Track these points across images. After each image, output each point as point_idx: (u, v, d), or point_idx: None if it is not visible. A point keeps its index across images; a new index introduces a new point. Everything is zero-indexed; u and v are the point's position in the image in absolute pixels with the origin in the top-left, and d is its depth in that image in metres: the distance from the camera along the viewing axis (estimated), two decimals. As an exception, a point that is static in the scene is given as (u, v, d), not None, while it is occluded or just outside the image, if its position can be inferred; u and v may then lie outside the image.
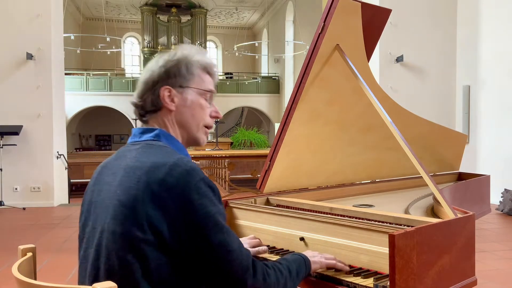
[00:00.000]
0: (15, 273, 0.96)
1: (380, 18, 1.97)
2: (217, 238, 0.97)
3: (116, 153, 1.14)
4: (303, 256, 1.20)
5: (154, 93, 1.11)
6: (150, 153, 1.04)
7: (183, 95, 1.13)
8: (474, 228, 1.34)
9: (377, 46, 2.55)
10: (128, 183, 0.99)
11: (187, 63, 1.14)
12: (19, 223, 5.79)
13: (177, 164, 0.98)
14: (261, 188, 1.87)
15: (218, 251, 0.97)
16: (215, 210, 0.98)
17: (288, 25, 18.48)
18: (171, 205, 0.95)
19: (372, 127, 2.09)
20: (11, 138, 7.02)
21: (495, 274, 3.47)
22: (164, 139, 1.10)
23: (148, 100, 1.12)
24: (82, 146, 21.72)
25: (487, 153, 7.13)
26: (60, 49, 7.85)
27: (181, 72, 1.13)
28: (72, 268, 3.69)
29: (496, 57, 6.98)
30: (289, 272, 1.11)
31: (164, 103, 1.11)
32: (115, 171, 1.06)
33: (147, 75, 1.13)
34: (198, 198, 0.96)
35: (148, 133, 1.11)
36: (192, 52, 1.16)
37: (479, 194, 2.72)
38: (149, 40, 20.60)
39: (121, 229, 0.96)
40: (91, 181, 1.14)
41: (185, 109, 1.14)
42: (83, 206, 1.12)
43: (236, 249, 0.99)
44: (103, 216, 1.01)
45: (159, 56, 1.16)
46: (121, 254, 0.96)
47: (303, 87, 1.74)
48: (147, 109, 1.13)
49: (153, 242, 0.94)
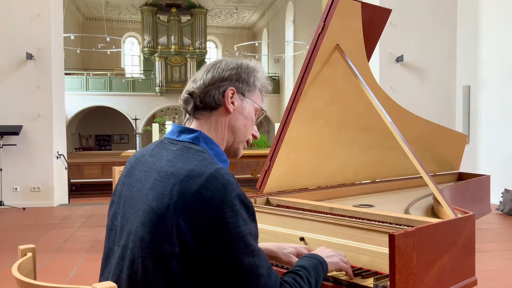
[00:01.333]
0: (15, 273, 0.96)
1: (380, 18, 1.97)
2: (247, 261, 0.92)
3: (152, 147, 1.11)
4: (320, 260, 1.15)
5: (219, 89, 1.09)
6: (187, 159, 0.99)
7: (243, 103, 1.13)
8: (474, 228, 1.34)
9: (377, 46, 2.55)
10: (161, 189, 0.95)
11: (255, 76, 1.15)
12: (19, 223, 5.79)
13: (214, 176, 0.93)
14: (261, 188, 1.87)
15: (247, 274, 0.92)
16: (248, 231, 0.94)
17: (288, 25, 18.48)
18: (203, 219, 0.90)
19: (372, 127, 2.09)
20: (11, 138, 7.02)
21: (495, 274, 3.47)
22: (203, 143, 1.06)
23: (211, 93, 1.09)
24: (82, 146, 21.73)
25: (487, 153, 7.13)
26: (60, 49, 7.85)
27: (249, 81, 1.14)
28: (72, 268, 3.69)
29: (496, 57, 6.98)
30: (309, 284, 1.06)
31: (226, 103, 1.09)
32: (148, 169, 1.03)
33: (214, 71, 1.11)
34: (231, 216, 0.91)
35: (187, 133, 1.07)
36: (260, 69, 1.18)
37: (479, 194, 2.73)
38: (149, 40, 20.60)
39: (150, 237, 0.93)
40: (124, 170, 1.12)
41: (240, 117, 1.13)
42: (114, 195, 1.10)
43: (265, 274, 0.95)
44: (132, 217, 0.99)
45: (229, 58, 1.16)
46: (146, 263, 0.93)
47: (303, 87, 1.74)
48: (206, 102, 1.09)
49: (179, 255, 0.91)
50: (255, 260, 0.93)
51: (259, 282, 0.93)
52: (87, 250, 4.25)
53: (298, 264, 1.12)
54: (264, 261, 0.96)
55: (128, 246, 0.97)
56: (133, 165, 1.10)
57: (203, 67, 1.16)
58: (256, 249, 0.95)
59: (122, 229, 1.02)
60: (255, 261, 0.93)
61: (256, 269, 0.93)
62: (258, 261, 0.94)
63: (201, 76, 1.12)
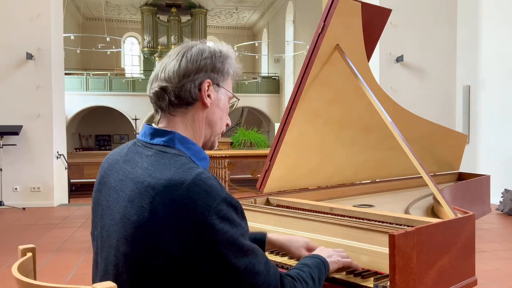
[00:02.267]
0: (15, 273, 0.96)
1: (380, 18, 1.97)
2: (242, 263, 0.89)
3: (125, 151, 1.04)
4: (322, 259, 1.15)
5: (194, 82, 1.01)
6: (164, 166, 0.93)
7: (219, 94, 1.06)
8: (474, 228, 1.33)
9: (377, 46, 2.55)
10: (140, 202, 0.90)
11: (229, 63, 1.07)
12: (19, 223, 5.79)
13: (196, 184, 0.88)
14: (261, 188, 1.87)
15: (245, 276, 0.90)
16: (238, 233, 0.90)
17: (288, 25, 18.48)
18: (189, 230, 0.86)
19: (372, 127, 2.09)
20: (11, 138, 7.02)
21: (495, 274, 3.47)
22: (179, 144, 0.99)
23: (186, 87, 1.00)
24: (82, 146, 21.72)
25: (487, 153, 7.13)
26: (60, 49, 7.85)
27: (223, 70, 1.05)
28: (72, 268, 3.69)
29: (496, 57, 6.98)
30: (313, 280, 1.06)
31: (203, 97, 1.02)
32: (123, 178, 0.97)
33: (187, 60, 1.01)
34: (219, 223, 0.87)
35: (160, 136, 1.00)
36: (232, 54, 1.09)
37: (479, 194, 2.72)
38: (149, 40, 20.61)
39: (133, 252, 0.90)
40: (98, 176, 1.08)
41: (217, 110, 1.07)
42: (92, 202, 1.07)
43: (262, 270, 0.93)
44: (112, 229, 0.95)
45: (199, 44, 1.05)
46: (132, 278, 0.91)
47: (303, 87, 1.74)
48: (182, 97, 1.01)
49: (166, 268, 0.87)
50: (249, 259, 0.91)
51: (258, 280, 0.92)
52: (87, 250, 4.25)
53: (302, 263, 1.12)
54: (261, 257, 0.94)
55: (111, 261, 0.94)
56: (106, 171, 1.04)
57: (172, 52, 1.05)
58: (249, 249, 0.92)
59: (103, 242, 0.98)
60: (250, 261, 0.91)
61: (252, 268, 0.91)
62: (253, 260, 0.92)
63: (172, 64, 1.01)
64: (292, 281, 1.00)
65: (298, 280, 1.02)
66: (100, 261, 0.99)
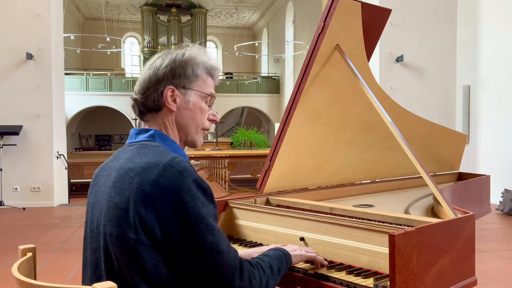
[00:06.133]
0: (15, 273, 0.96)
1: (380, 18, 1.97)
2: (208, 240, 0.97)
3: (114, 154, 1.14)
4: (283, 252, 1.23)
5: (157, 91, 1.10)
6: (143, 154, 1.04)
7: (186, 97, 1.12)
8: (474, 228, 1.33)
9: (377, 46, 2.55)
10: (121, 184, 1.00)
11: (194, 64, 1.12)
12: (19, 223, 5.79)
13: (170, 165, 0.98)
14: (261, 188, 1.87)
15: (209, 252, 0.97)
16: (206, 212, 0.98)
17: (288, 25, 18.48)
18: (163, 206, 0.95)
19: (372, 127, 2.09)
20: (11, 138, 7.02)
21: (495, 274, 3.47)
22: (159, 139, 1.10)
23: (151, 97, 1.10)
24: (82, 146, 21.72)
25: (487, 153, 7.13)
26: (60, 49, 7.86)
27: (186, 74, 1.11)
28: (72, 268, 3.69)
29: (496, 57, 6.98)
30: (271, 270, 1.13)
31: (166, 103, 1.10)
32: (110, 172, 1.07)
33: (151, 72, 1.11)
34: (190, 200, 0.96)
35: (143, 133, 1.11)
36: (199, 54, 1.14)
37: (479, 194, 2.72)
38: (149, 40, 20.61)
39: (117, 231, 0.97)
40: (91, 182, 1.15)
41: (186, 112, 1.13)
42: (87, 207, 1.14)
43: (225, 250, 1.00)
44: (100, 217, 1.03)
45: (165, 53, 1.14)
46: (118, 256, 0.97)
47: (303, 87, 1.74)
48: (149, 106, 1.11)
49: (147, 243, 0.95)
50: (215, 238, 0.99)
51: (221, 258, 0.99)
52: (87, 250, 4.25)
53: (264, 253, 1.20)
54: (223, 239, 1.02)
55: (101, 246, 1.01)
56: (97, 174, 1.13)
57: (146, 64, 1.16)
58: (216, 229, 1.00)
59: (92, 233, 1.05)
60: (216, 240, 0.99)
61: (217, 246, 0.99)
62: (218, 239, 0.99)
63: (142, 77, 1.13)
64: (250, 268, 1.07)
65: (256, 267, 1.10)
66: (90, 253, 1.05)
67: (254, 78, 20.77)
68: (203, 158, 6.54)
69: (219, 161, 7.19)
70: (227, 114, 19.96)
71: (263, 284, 1.08)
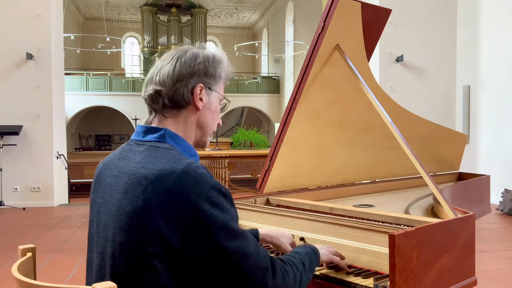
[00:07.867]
0: (15, 273, 0.96)
1: (380, 18, 1.97)
2: (233, 245, 0.94)
3: (119, 151, 1.09)
4: (313, 248, 1.20)
5: (187, 86, 1.05)
6: (156, 158, 0.98)
7: (210, 97, 1.11)
8: (474, 228, 1.34)
9: (377, 46, 2.55)
10: (133, 192, 0.95)
11: (221, 67, 1.12)
12: (19, 223, 5.79)
13: (186, 172, 0.93)
14: (261, 188, 1.87)
15: (236, 258, 0.94)
16: (228, 217, 0.95)
17: (288, 25, 18.47)
18: (181, 216, 0.90)
19: (372, 127, 2.09)
20: (11, 138, 7.02)
21: (495, 274, 3.47)
22: (170, 139, 1.04)
23: (179, 91, 1.04)
24: (82, 146, 21.71)
25: (487, 153, 7.13)
26: (60, 49, 7.85)
27: (215, 75, 1.10)
28: (72, 268, 3.69)
29: (496, 57, 6.98)
30: (303, 265, 1.10)
31: (196, 101, 1.06)
32: (117, 173, 1.02)
33: (183, 65, 1.05)
34: (209, 208, 0.92)
35: (152, 133, 1.05)
36: (224, 58, 1.15)
37: (479, 194, 2.73)
38: (149, 40, 20.60)
39: (129, 241, 0.93)
40: (94, 178, 1.11)
41: (209, 112, 1.11)
42: (91, 205, 1.10)
43: (253, 252, 0.97)
44: (108, 223, 0.99)
45: (193, 49, 1.10)
46: (129, 267, 0.94)
47: (303, 87, 1.74)
48: (175, 101, 1.05)
49: (163, 255, 0.91)
50: (240, 242, 0.95)
51: (249, 260, 0.95)
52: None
53: (293, 251, 1.18)
54: (249, 240, 0.98)
55: (107, 253, 0.97)
56: (101, 171, 1.08)
57: (166, 55, 1.10)
58: (239, 232, 0.96)
59: (99, 237, 1.02)
60: (241, 243, 0.95)
61: (243, 250, 0.95)
62: (243, 242, 0.96)
63: (166, 68, 1.06)
64: (282, 265, 1.04)
65: (288, 264, 1.07)
66: (96, 256, 1.02)
67: (254, 78, 20.76)
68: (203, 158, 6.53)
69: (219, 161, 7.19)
70: (227, 114, 19.96)
71: (297, 280, 1.06)
